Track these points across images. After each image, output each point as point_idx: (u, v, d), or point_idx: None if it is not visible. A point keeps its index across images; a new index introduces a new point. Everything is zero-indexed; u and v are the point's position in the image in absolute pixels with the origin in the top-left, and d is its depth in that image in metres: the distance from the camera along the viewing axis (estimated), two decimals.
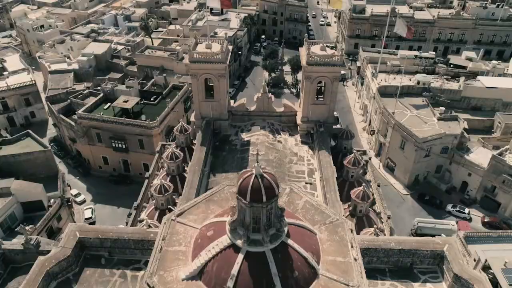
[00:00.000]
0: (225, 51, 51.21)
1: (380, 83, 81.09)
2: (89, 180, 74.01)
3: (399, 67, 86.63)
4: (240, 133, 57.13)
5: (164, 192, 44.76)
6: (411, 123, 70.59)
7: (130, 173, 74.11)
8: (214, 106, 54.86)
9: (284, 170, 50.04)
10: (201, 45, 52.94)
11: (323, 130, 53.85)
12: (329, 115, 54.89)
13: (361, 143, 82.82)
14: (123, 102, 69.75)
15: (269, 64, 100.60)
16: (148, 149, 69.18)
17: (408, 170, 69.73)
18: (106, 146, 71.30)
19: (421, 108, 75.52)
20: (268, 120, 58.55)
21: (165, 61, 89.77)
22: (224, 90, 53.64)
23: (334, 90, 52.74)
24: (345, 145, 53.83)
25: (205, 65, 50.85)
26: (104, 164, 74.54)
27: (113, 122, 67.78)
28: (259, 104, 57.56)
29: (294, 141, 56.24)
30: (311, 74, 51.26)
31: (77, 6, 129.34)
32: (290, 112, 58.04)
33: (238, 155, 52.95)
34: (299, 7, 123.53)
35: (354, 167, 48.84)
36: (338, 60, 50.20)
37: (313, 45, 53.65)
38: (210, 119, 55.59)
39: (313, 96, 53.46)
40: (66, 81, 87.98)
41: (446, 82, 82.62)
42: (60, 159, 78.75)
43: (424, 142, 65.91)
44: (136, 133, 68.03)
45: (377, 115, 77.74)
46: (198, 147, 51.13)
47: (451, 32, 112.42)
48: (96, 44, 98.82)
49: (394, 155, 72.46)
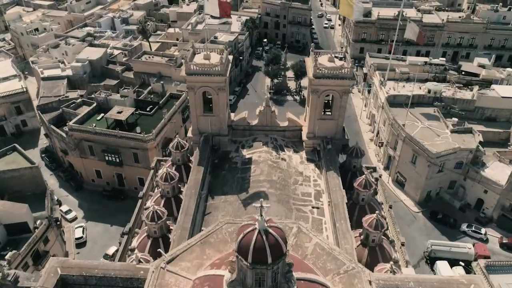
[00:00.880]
0: (224, 62, 47.14)
1: (388, 92, 76.91)
2: (81, 195, 69.95)
3: (408, 74, 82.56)
4: (241, 149, 53.08)
5: (157, 219, 40.67)
6: (423, 136, 66.40)
7: (125, 187, 70.08)
8: (213, 120, 50.80)
9: (288, 193, 45.97)
10: (199, 56, 48.86)
11: (330, 148, 49.74)
12: (337, 130, 50.78)
13: (368, 154, 78.55)
14: (117, 113, 65.69)
15: (271, 70, 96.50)
16: (144, 163, 65.15)
17: (419, 186, 65.55)
18: (99, 159, 67.29)
19: (433, 119, 71.33)
20: (271, 135, 54.44)
21: (163, 68, 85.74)
22: (224, 104, 49.58)
23: (343, 104, 48.61)
24: (354, 163, 49.72)
25: (203, 78, 46.78)
26: (97, 178, 70.50)
27: (106, 134, 63.75)
28: (261, 118, 53.43)
29: (299, 158, 52.13)
30: (318, 87, 47.13)
31: (73, 8, 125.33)
32: (295, 126, 53.93)
33: (238, 175, 48.87)
34: (303, 9, 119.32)
35: (366, 190, 44.67)
36: (348, 73, 46.04)
37: (321, 56, 49.50)
38: (209, 134, 51.54)
39: (320, 111, 49.36)
40: (59, 88, 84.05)
41: (458, 91, 78.39)
42: (52, 171, 74.85)
43: (437, 157, 61.70)
44: (130, 146, 64.00)
45: (385, 126, 73.54)
46: (195, 167, 47.06)
47: (461, 37, 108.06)
48: (91, 49, 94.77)
49: (404, 170, 68.27)
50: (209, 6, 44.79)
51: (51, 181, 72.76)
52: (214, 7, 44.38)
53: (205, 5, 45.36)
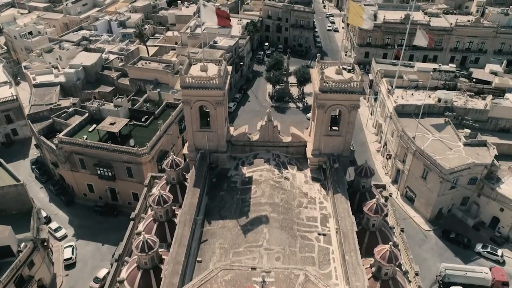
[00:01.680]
0: (223, 74, 43.32)
1: (396, 101, 73.03)
2: (72, 210, 66.20)
3: (416, 82, 78.69)
4: (241, 166, 49.30)
5: (148, 250, 36.93)
6: (434, 149, 62.54)
7: (118, 202, 66.37)
8: (211, 136, 47.04)
9: (292, 217, 42.17)
10: (195, 67, 45.07)
11: (338, 167, 45.92)
12: (344, 148, 46.94)
13: (375, 166, 74.70)
14: (110, 124, 61.94)
15: (273, 76, 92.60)
16: (138, 177, 61.43)
17: (431, 203, 61.68)
18: (90, 173, 63.59)
19: (444, 130, 67.46)
20: (273, 151, 50.65)
21: (160, 74, 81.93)
22: (222, 119, 45.76)
23: (352, 120, 44.76)
24: (363, 183, 45.93)
25: (199, 91, 42.99)
26: (89, 192, 66.80)
27: (98, 147, 60.01)
28: (262, 133, 49.60)
29: (304, 177, 48.32)
30: (324, 102, 43.28)
31: (69, 10, 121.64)
32: (299, 142, 50.09)
33: (238, 196, 45.10)
34: (305, 12, 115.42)
35: (377, 215, 40.87)
36: (357, 87, 42.21)
37: (327, 67, 45.68)
38: (206, 151, 47.79)
39: (327, 127, 45.51)
40: (51, 96, 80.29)
41: (470, 100, 74.48)
42: (42, 184, 71.18)
43: (450, 173, 57.84)
44: (123, 160, 60.27)
45: (393, 137, 69.67)
46: (190, 188, 43.25)
47: (470, 41, 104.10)
48: (86, 54, 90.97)
49: (414, 185, 64.39)
50: (205, 14, 41.04)
51: (41, 195, 69.22)
52: (212, 16, 40.64)
53: (201, 13, 41.59)
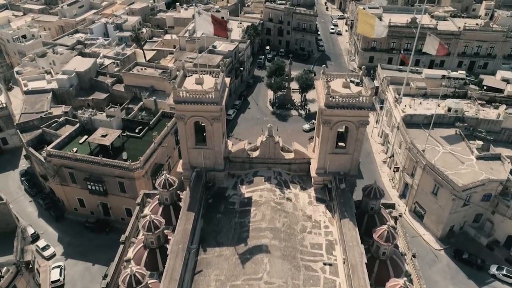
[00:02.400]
0: (220, 88, 39.78)
1: (404, 110, 69.43)
2: (62, 226, 62.73)
3: (425, 89, 75.08)
4: (240, 185, 45.82)
5: (135, 284, 33.39)
6: (445, 163, 58.95)
7: (111, 217, 62.92)
8: (207, 154, 43.51)
9: (295, 244, 38.65)
10: (190, 79, 41.52)
11: (344, 188, 42.35)
12: (351, 166, 43.35)
13: (381, 179, 71.10)
14: (101, 136, 58.46)
15: (274, 83, 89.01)
16: (131, 193, 57.98)
17: (442, 221, 58.09)
18: (81, 187, 60.16)
19: (455, 142, 63.81)
20: (275, 168, 47.14)
21: (156, 81, 78.46)
22: (219, 135, 42.25)
23: (360, 137, 41.17)
24: (372, 205, 42.37)
25: (194, 107, 39.47)
26: (80, 207, 63.35)
27: (88, 161, 56.53)
28: (263, 149, 46.07)
29: (307, 197, 44.78)
30: (330, 118, 39.72)
31: (64, 13, 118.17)
32: (302, 159, 46.56)
33: (236, 219, 41.59)
34: (308, 15, 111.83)
35: (388, 243, 37.30)
36: (367, 102, 38.64)
37: (333, 79, 42.14)
38: (202, 169, 44.27)
39: (332, 144, 41.91)
40: (42, 103, 76.88)
41: (481, 109, 70.86)
42: (31, 197, 67.70)
43: (464, 190, 54.24)
44: (115, 174, 56.80)
45: (401, 149, 66.06)
46: (184, 212, 39.70)
47: (479, 45, 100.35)
48: (79, 59, 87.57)
49: (424, 201, 60.80)
50: (201, 22, 37.54)
51: (30, 209, 65.84)
52: (207, 24, 37.16)
53: (196, 22, 38.08)
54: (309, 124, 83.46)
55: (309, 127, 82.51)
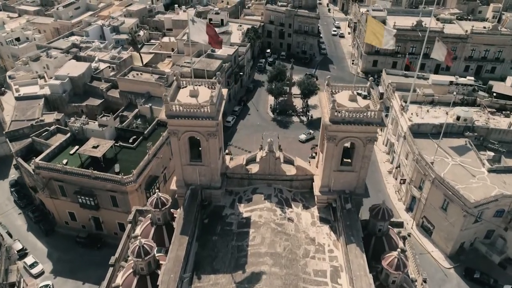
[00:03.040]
0: (216, 101, 36.74)
1: (411, 118, 66.37)
2: (51, 241, 59.77)
3: (432, 96, 71.98)
4: (238, 204, 42.84)
5: None
6: (455, 177, 55.88)
7: (103, 231, 59.97)
8: (203, 171, 40.53)
9: (297, 271, 35.64)
10: (183, 91, 38.52)
11: (350, 208, 39.32)
12: (358, 184, 40.37)
13: (386, 191, 68.14)
14: (92, 147, 55.47)
15: (275, 88, 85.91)
16: (123, 207, 55.04)
17: (452, 238, 55.02)
18: (71, 200, 57.20)
19: (465, 153, 60.75)
20: (275, 185, 44.16)
21: (152, 87, 75.41)
22: (216, 151, 39.23)
23: (367, 154, 38.18)
24: (380, 227, 39.38)
25: (188, 121, 36.47)
26: (71, 220, 60.41)
27: (78, 174, 53.55)
28: (263, 165, 43.09)
29: (310, 217, 41.78)
30: (336, 134, 36.74)
31: (60, 15, 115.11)
32: (305, 175, 43.57)
33: (233, 242, 38.61)
34: (310, 18, 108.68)
35: (398, 272, 34.26)
36: (375, 117, 35.62)
37: (338, 91, 39.12)
38: (197, 186, 41.30)
39: (337, 161, 38.93)
40: (34, 110, 73.91)
41: (492, 118, 67.71)
42: (21, 209, 64.82)
43: (476, 207, 51.18)
44: (107, 188, 53.82)
45: (408, 160, 62.98)
46: (177, 236, 36.67)
47: (486, 49, 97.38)
48: (73, 63, 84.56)
49: (432, 216, 57.74)
50: (194, 30, 34.57)
51: (19, 222, 62.98)
52: (201, 34, 34.21)
53: (190, 29, 35.07)
54: (305, 134, 79.36)
55: (306, 137, 78.63)
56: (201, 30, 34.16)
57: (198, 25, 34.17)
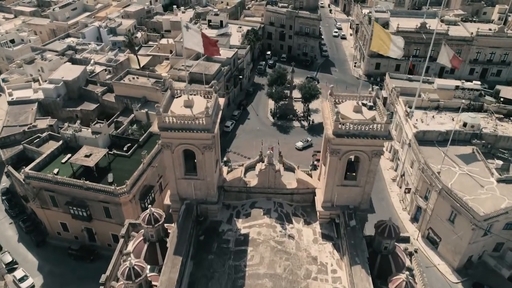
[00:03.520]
0: (212, 112, 34.49)
1: (416, 125, 64.06)
2: (43, 253, 57.55)
3: (437, 101, 69.67)
4: (236, 219, 40.58)
5: None
6: (463, 187, 53.62)
7: (97, 242, 57.76)
8: (198, 184, 38.31)
9: None
10: (177, 101, 36.26)
11: (355, 226, 37.05)
12: (362, 200, 38.13)
13: (390, 199, 65.89)
14: (85, 156, 53.25)
15: (275, 92, 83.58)
16: (117, 218, 52.82)
17: (459, 251, 52.74)
18: (63, 211, 54.99)
19: (472, 162, 58.45)
20: (275, 198, 41.93)
21: (148, 91, 73.12)
22: (212, 164, 37.00)
23: (373, 168, 35.93)
24: (386, 245, 37.12)
25: (182, 134, 34.23)
26: (63, 231, 58.21)
27: (70, 184, 51.33)
28: (262, 179, 40.85)
29: (312, 233, 39.53)
30: (339, 148, 34.49)
31: (56, 16, 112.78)
32: (306, 189, 41.33)
33: (230, 262, 36.41)
34: (311, 19, 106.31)
35: None
36: (382, 130, 33.34)
37: (342, 101, 36.87)
38: (193, 201, 39.08)
39: (341, 176, 36.69)
40: (27, 115, 71.59)
41: (500, 124, 65.41)
42: (12, 219, 62.57)
43: (485, 220, 48.89)
44: (99, 199, 51.59)
45: (413, 169, 60.69)
46: (170, 257, 34.41)
47: (492, 52, 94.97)
48: (68, 67, 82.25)
49: (438, 227, 55.46)
50: (188, 37, 32.35)
51: (10, 233, 60.79)
52: (196, 41, 32.00)
53: (184, 37, 32.84)
54: (302, 141, 76.58)
55: (303, 144, 75.91)
56: (196, 38, 31.88)
57: (192, 33, 31.90)
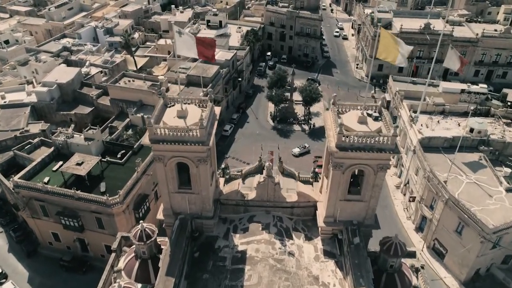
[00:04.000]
0: (207, 123, 32.32)
1: (421, 130, 61.79)
2: (34, 264, 55.35)
3: (443, 106, 67.40)
4: (232, 234, 38.47)
5: None
6: (470, 197, 51.40)
7: (89, 253, 55.64)
8: (193, 199, 36.17)
9: None
10: (170, 111, 34.07)
11: (359, 243, 34.87)
12: (367, 215, 35.99)
13: (394, 208, 63.70)
14: (76, 165, 51.04)
15: (275, 95, 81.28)
16: (110, 229, 50.61)
17: (467, 264, 50.56)
18: (54, 221, 52.85)
19: (480, 170, 56.19)
20: (274, 212, 39.81)
21: (144, 95, 70.90)
22: (207, 177, 34.81)
23: (378, 182, 33.84)
24: (391, 263, 35.00)
25: (175, 147, 32.06)
26: (55, 241, 56.11)
27: (60, 194, 49.17)
28: (260, 191, 38.70)
29: (313, 250, 37.38)
30: (343, 161, 32.32)
31: (52, 16, 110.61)
32: (307, 202, 39.19)
33: (227, 281, 34.35)
34: (312, 19, 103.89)
35: None
36: (389, 143, 31.14)
37: (346, 110, 34.67)
38: (187, 216, 36.94)
39: (344, 191, 34.51)
40: (19, 119, 69.42)
41: (508, 129, 63.14)
42: (2, 227, 60.32)
43: (494, 232, 46.68)
44: (91, 210, 49.41)
45: (418, 176, 58.48)
46: (162, 277, 32.25)
47: (497, 54, 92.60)
48: (62, 69, 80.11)
49: (445, 239, 53.25)
50: (181, 43, 30.16)
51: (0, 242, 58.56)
52: (189, 46, 29.80)
53: (177, 43, 30.67)
54: (299, 148, 73.96)
55: (299, 151, 73.32)
56: (189, 43, 29.66)
57: (185, 38, 29.67)
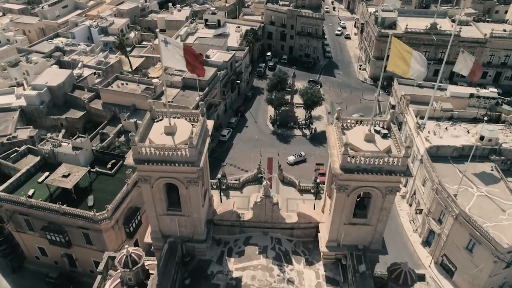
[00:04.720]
0: (198, 141, 29.10)
1: (428, 138, 58.58)
2: (19, 280, 52.49)
3: (451, 111, 64.12)
4: (227, 257, 35.35)
5: None
6: (482, 212, 48.28)
7: (78, 268, 52.72)
8: (183, 221, 33.02)
9: None
10: (158, 126, 30.89)
11: (364, 271, 31.74)
12: (373, 240, 32.80)
13: (399, 219, 60.63)
14: (62, 177, 47.97)
15: (275, 99, 78.01)
16: (98, 245, 47.72)
17: (478, 284, 47.48)
18: (40, 236, 49.90)
19: (491, 181, 53.02)
20: (272, 233, 36.69)
21: (138, 99, 67.77)
22: (198, 199, 31.61)
23: (387, 206, 30.61)
24: None
25: (162, 167, 28.88)
26: (42, 255, 53.20)
27: (45, 208, 46.16)
28: (257, 212, 35.56)
29: (315, 276, 34.24)
30: (348, 184, 29.14)
31: (45, 14, 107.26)
32: (308, 223, 36.05)
33: None
34: (314, 19, 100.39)
35: None
36: (400, 165, 27.96)
37: (351, 126, 31.49)
38: (177, 239, 33.83)
39: (349, 214, 31.33)
40: (7, 124, 66.53)
41: None
42: None
43: (509, 252, 43.56)
44: (78, 225, 46.43)
45: (426, 187, 55.34)
46: None
47: (506, 55, 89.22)
48: (54, 70, 76.98)
49: (454, 255, 50.16)
50: (168, 54, 27.06)
51: None
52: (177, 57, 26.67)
53: (162, 54, 27.57)
54: (294, 156, 70.67)
55: (295, 159, 70.09)
56: (176, 54, 26.50)
57: (171, 48, 26.50)
